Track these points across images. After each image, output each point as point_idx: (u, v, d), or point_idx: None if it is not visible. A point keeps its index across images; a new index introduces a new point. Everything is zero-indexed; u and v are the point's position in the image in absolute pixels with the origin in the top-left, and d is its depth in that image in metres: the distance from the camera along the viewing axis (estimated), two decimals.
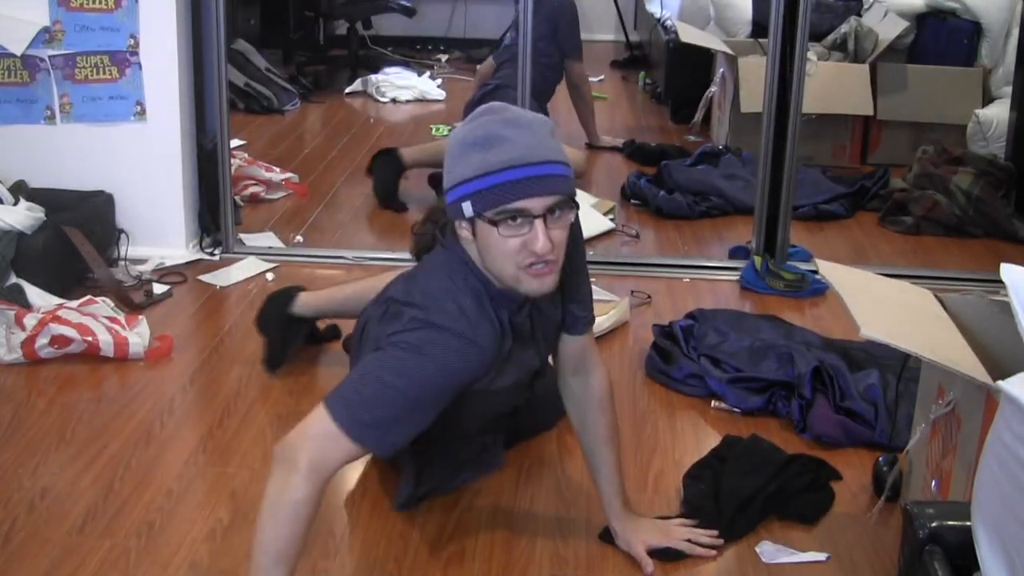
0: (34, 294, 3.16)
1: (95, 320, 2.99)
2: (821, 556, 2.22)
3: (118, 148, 3.60)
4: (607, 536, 2.23)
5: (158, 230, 3.66)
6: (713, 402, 2.82)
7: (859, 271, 2.58)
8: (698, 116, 5.40)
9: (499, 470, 2.42)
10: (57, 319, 2.95)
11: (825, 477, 2.45)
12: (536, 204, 1.74)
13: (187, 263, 3.63)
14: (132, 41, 3.53)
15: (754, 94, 4.37)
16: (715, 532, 2.19)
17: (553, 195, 1.75)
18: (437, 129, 5.46)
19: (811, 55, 4.64)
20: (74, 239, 3.34)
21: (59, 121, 3.58)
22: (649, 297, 3.48)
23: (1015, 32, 4.75)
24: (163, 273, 3.55)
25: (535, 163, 1.73)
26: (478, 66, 5.41)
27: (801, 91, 3.60)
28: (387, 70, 6.30)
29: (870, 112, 4.87)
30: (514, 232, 1.75)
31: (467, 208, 1.76)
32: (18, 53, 3.46)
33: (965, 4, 4.95)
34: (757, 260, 3.59)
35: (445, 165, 1.81)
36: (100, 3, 3.49)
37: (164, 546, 2.18)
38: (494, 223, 1.75)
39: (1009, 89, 4.57)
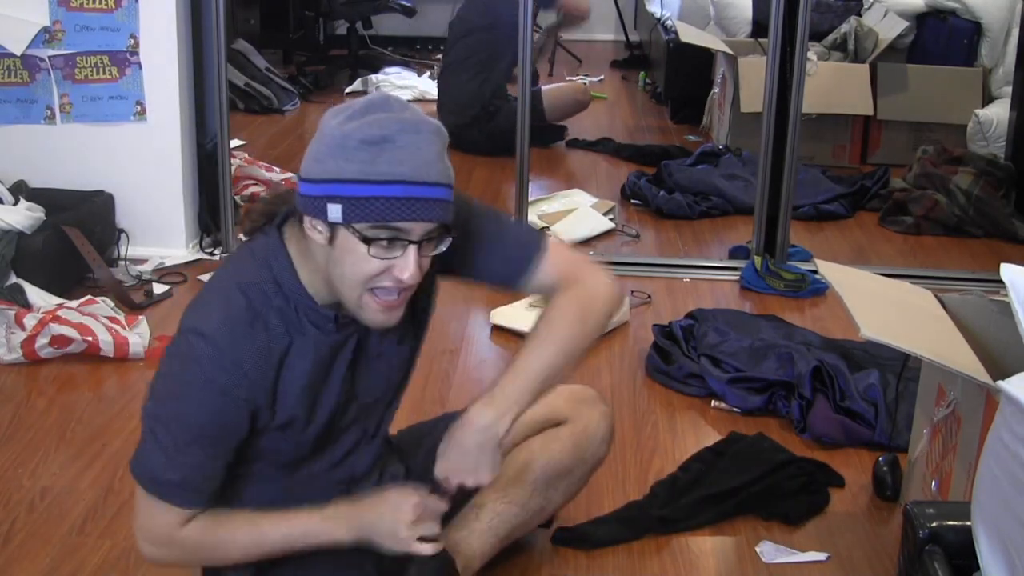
0: (34, 294, 3.16)
1: (95, 320, 2.99)
2: (821, 556, 2.22)
3: (118, 148, 3.60)
4: (560, 539, 2.23)
5: (158, 230, 3.66)
6: (713, 402, 2.82)
7: (859, 271, 2.58)
8: (706, 119, 5.40)
9: None
10: (57, 319, 2.95)
11: (823, 481, 2.45)
12: (417, 228, 1.52)
13: (187, 263, 3.62)
14: (132, 41, 3.52)
15: (754, 94, 4.37)
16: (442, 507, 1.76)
17: (436, 222, 1.54)
18: None
19: (811, 55, 4.64)
20: (74, 239, 3.34)
21: (59, 121, 3.58)
22: (649, 297, 3.48)
23: (1015, 32, 4.75)
24: (163, 273, 3.55)
25: (426, 183, 1.50)
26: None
27: (801, 91, 3.60)
28: (387, 70, 6.30)
29: (870, 112, 4.87)
30: (384, 254, 1.52)
31: (334, 211, 1.50)
32: (18, 53, 3.46)
33: (965, 4, 4.95)
34: (757, 260, 3.59)
35: (312, 150, 1.54)
36: (100, 3, 3.49)
37: None
38: (366, 240, 1.51)
39: (1009, 89, 4.57)
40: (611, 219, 4.15)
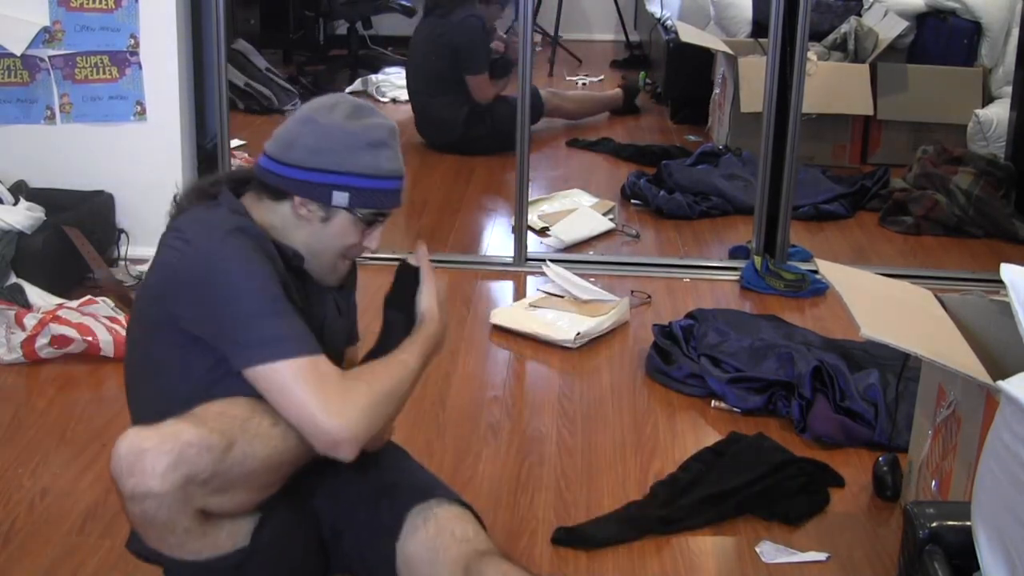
0: (34, 294, 3.16)
1: (95, 320, 2.99)
2: (821, 556, 2.22)
3: (118, 148, 3.60)
4: (560, 539, 2.24)
5: (158, 230, 3.56)
6: (713, 402, 2.82)
7: (859, 271, 2.58)
8: (712, 120, 5.39)
9: None
10: (57, 319, 2.95)
11: (822, 481, 2.45)
12: (393, 212, 1.87)
13: None
14: (132, 41, 3.52)
15: (754, 94, 4.37)
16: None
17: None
18: None
19: (811, 55, 4.64)
20: (74, 239, 3.34)
21: (59, 121, 3.58)
22: (649, 297, 3.48)
23: (1015, 32, 4.75)
24: None
25: (403, 178, 1.85)
26: None
27: (801, 91, 3.60)
28: (387, 70, 6.30)
29: (870, 112, 4.87)
30: (368, 231, 1.84)
31: (340, 198, 1.78)
32: (18, 53, 3.46)
33: (965, 4, 4.95)
34: (757, 260, 3.59)
35: (306, 140, 1.76)
36: (100, 3, 3.49)
37: None
38: (368, 222, 1.83)
39: (1009, 89, 4.57)
40: (611, 219, 4.15)
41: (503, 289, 3.60)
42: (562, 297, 3.39)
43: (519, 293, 3.55)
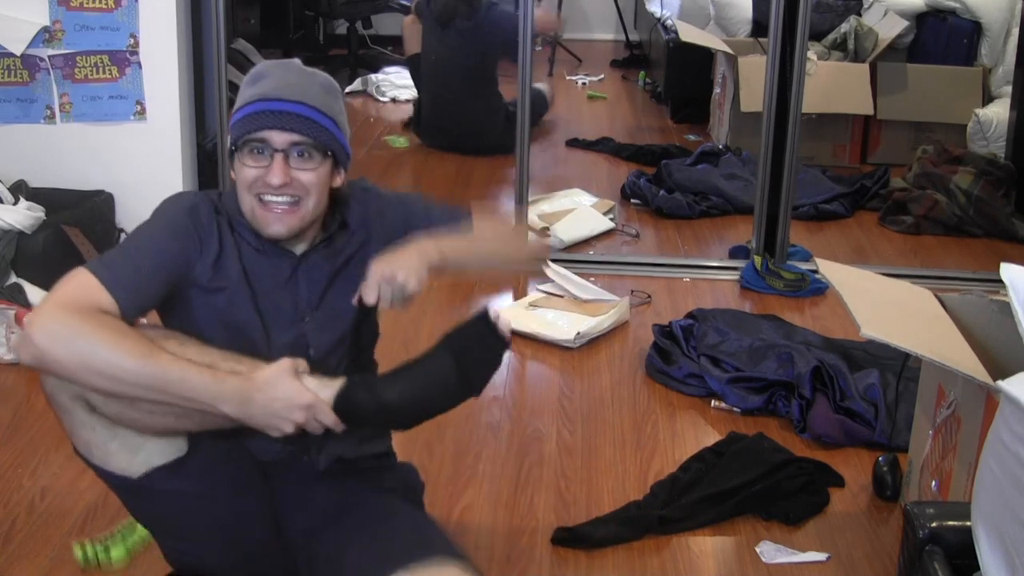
0: (34, 294, 3.16)
1: None
2: (821, 556, 2.22)
3: (118, 148, 3.60)
4: (560, 539, 2.24)
5: None
6: (713, 402, 2.82)
7: (859, 271, 2.58)
8: (712, 120, 5.39)
9: None
10: None
11: (822, 481, 2.45)
12: (277, 137, 1.73)
13: None
14: (132, 41, 3.52)
15: (754, 94, 4.37)
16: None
17: (297, 133, 1.74)
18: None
19: (811, 55, 4.64)
20: (74, 239, 3.34)
21: (59, 121, 3.58)
22: (649, 297, 3.48)
23: (1015, 32, 4.75)
24: None
25: (285, 99, 1.75)
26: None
27: (801, 91, 3.60)
28: (387, 69, 6.29)
29: (870, 112, 4.87)
30: (256, 163, 1.74)
31: (230, 140, 1.78)
32: (18, 53, 3.46)
33: (965, 4, 4.95)
34: (757, 260, 3.59)
35: None
36: (100, 3, 3.49)
37: None
38: (238, 149, 1.75)
39: (1009, 89, 4.57)
40: (611, 219, 4.15)
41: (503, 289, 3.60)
42: (562, 297, 3.39)
43: (519, 293, 3.55)
